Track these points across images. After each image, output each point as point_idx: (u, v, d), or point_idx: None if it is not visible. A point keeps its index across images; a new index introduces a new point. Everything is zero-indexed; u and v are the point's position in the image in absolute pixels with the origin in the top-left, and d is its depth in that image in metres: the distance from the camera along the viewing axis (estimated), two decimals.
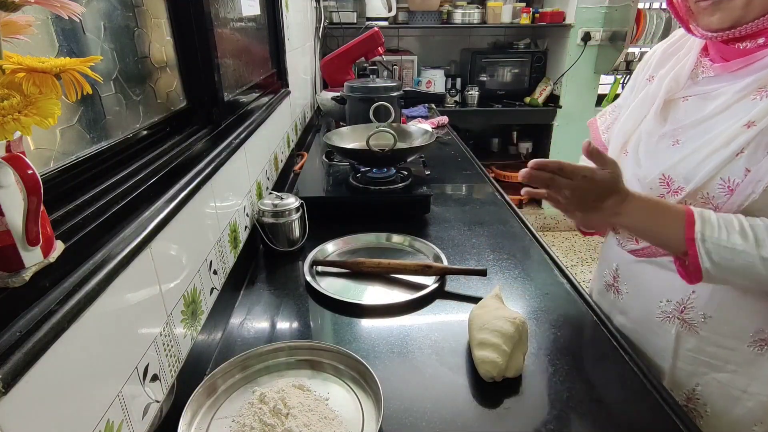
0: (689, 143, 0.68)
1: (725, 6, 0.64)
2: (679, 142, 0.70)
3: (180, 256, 0.71)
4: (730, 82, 0.66)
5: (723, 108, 0.65)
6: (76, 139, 0.60)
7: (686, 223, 0.63)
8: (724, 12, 0.64)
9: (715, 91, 0.68)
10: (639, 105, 0.80)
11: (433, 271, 0.98)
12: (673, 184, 0.70)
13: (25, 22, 0.40)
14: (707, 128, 0.67)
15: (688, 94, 0.71)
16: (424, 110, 2.46)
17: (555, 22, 3.11)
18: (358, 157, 1.34)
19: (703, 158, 0.66)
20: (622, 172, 0.68)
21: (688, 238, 0.63)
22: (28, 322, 0.40)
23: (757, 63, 0.62)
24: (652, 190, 0.72)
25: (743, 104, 0.64)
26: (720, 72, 0.68)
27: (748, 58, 0.63)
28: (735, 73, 0.65)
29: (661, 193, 0.71)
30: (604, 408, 0.68)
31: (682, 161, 0.68)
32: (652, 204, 0.68)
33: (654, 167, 0.72)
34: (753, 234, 0.61)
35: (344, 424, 0.63)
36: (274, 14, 1.60)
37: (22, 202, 0.39)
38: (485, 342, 0.73)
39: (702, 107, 0.69)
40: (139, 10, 0.78)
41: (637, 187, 0.73)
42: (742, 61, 0.64)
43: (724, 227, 0.62)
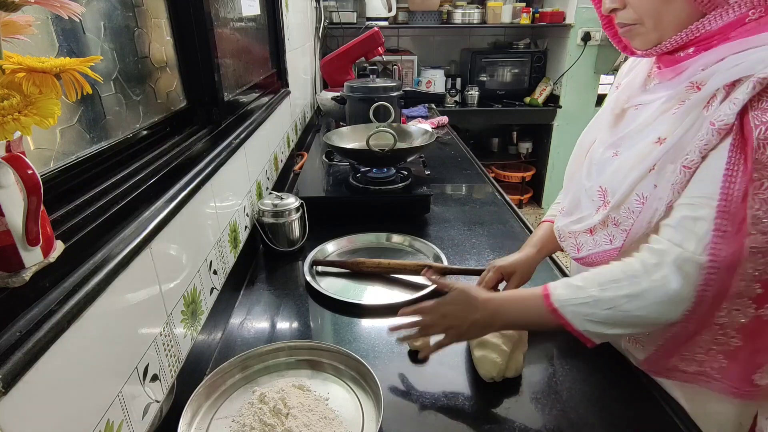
0: (624, 154, 0.68)
1: (638, 30, 0.64)
2: (617, 153, 0.69)
3: (180, 256, 0.71)
4: (663, 92, 0.65)
5: (651, 119, 0.65)
6: (76, 139, 0.60)
7: (543, 297, 0.65)
8: (640, 36, 0.65)
9: (651, 100, 0.67)
10: (601, 114, 0.79)
11: (433, 271, 0.98)
12: (606, 197, 0.69)
13: (25, 22, 0.40)
14: (635, 140, 0.66)
15: (638, 103, 0.71)
16: (424, 110, 2.46)
17: (555, 22, 3.11)
18: (358, 157, 1.34)
19: (626, 172, 0.66)
20: (579, 180, 0.73)
21: (550, 309, 0.64)
22: (28, 322, 0.40)
23: (683, 73, 0.62)
24: (593, 201, 0.72)
25: (663, 118, 0.63)
26: (660, 79, 0.68)
27: (677, 67, 0.63)
28: (670, 82, 0.65)
29: (598, 206, 0.71)
30: (604, 408, 0.68)
31: (615, 173, 0.68)
32: (510, 295, 0.73)
33: (596, 178, 0.72)
34: (595, 281, 0.62)
35: (344, 424, 0.63)
36: (274, 14, 1.60)
37: (22, 202, 0.39)
38: (485, 342, 0.73)
39: (638, 118, 0.68)
40: (139, 10, 0.78)
41: (585, 197, 0.74)
42: (672, 70, 0.64)
43: (571, 287, 0.63)
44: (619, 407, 0.69)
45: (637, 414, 0.68)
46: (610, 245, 0.69)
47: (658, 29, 0.62)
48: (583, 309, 0.62)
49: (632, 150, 0.66)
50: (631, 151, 0.66)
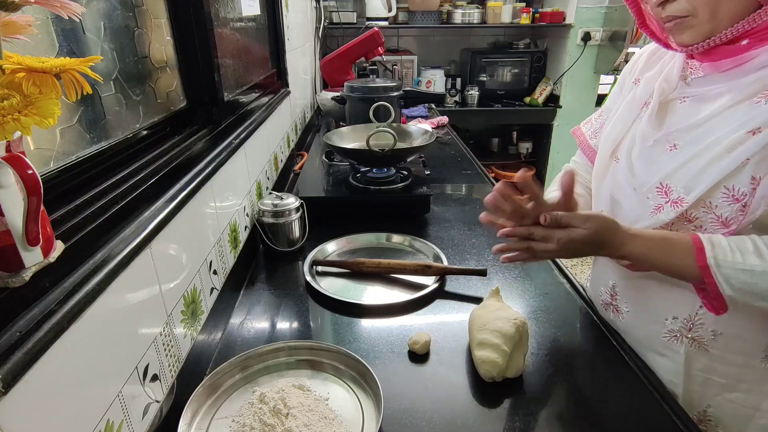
0: (687, 148, 0.65)
1: (690, 23, 0.62)
2: (677, 146, 0.66)
3: (180, 256, 0.71)
4: (723, 83, 0.63)
5: (721, 110, 0.62)
6: (76, 139, 0.60)
7: (696, 250, 0.61)
8: (692, 29, 0.62)
9: (712, 92, 0.65)
10: (627, 109, 0.76)
11: (433, 271, 0.98)
12: (672, 194, 0.66)
13: (25, 22, 0.40)
14: (705, 132, 0.64)
15: (684, 95, 0.68)
16: (424, 110, 2.46)
17: (555, 22, 3.11)
18: (358, 157, 1.34)
19: (704, 165, 0.62)
20: (617, 179, 0.68)
21: (702, 266, 0.60)
22: (28, 322, 0.40)
23: (747, 63, 0.60)
24: (649, 199, 0.68)
25: (745, 107, 0.60)
26: (710, 71, 0.65)
27: (738, 59, 0.61)
28: (726, 74, 0.63)
29: (658, 204, 0.67)
30: (604, 408, 0.68)
31: (682, 168, 0.65)
32: (656, 240, 0.65)
33: (650, 174, 0.68)
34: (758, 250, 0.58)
35: (344, 424, 0.63)
36: (274, 14, 1.60)
37: (22, 202, 0.39)
38: (485, 342, 0.73)
39: (698, 110, 0.66)
40: (139, 10, 0.78)
41: (632, 196, 0.70)
42: (732, 61, 0.62)
43: (737, 250, 0.59)
44: (619, 407, 0.69)
45: (637, 414, 0.68)
46: None
47: (713, 20, 0.60)
48: (744, 276, 0.58)
49: (705, 142, 0.63)
50: (705, 144, 0.63)
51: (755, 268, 0.58)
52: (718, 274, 0.60)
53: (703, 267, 0.60)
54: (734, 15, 0.59)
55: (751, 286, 0.59)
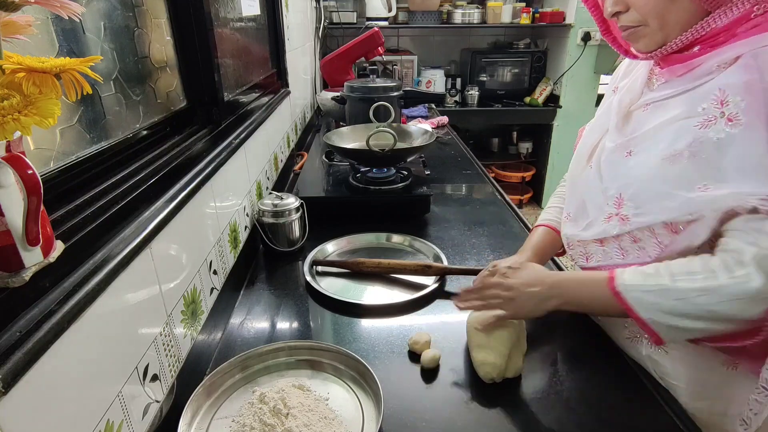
0: (639, 155, 0.67)
1: (643, 32, 0.64)
2: (632, 153, 0.68)
3: (180, 256, 0.71)
4: (678, 87, 0.65)
5: (671, 122, 0.64)
6: (76, 139, 0.60)
7: (609, 279, 0.65)
8: (645, 38, 0.65)
9: (669, 100, 0.66)
10: (603, 116, 0.79)
11: (433, 271, 0.98)
12: (623, 207, 0.68)
13: (25, 22, 0.40)
14: (655, 142, 0.65)
15: (647, 102, 0.70)
16: (424, 110, 2.46)
17: (555, 22, 3.11)
18: (358, 157, 1.34)
19: (647, 175, 0.65)
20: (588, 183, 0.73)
21: (614, 292, 0.63)
22: (28, 322, 0.40)
23: (697, 69, 0.62)
24: (607, 206, 0.70)
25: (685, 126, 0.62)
26: (669, 77, 0.67)
27: (689, 64, 0.63)
28: (681, 78, 0.65)
29: (610, 213, 0.69)
30: (604, 408, 0.68)
31: (630, 175, 0.67)
32: (574, 274, 0.73)
33: (612, 180, 0.71)
34: (668, 270, 0.61)
35: (344, 424, 0.63)
36: (274, 14, 1.60)
37: (22, 202, 0.39)
38: (484, 345, 0.73)
39: (654, 118, 0.67)
40: (139, 10, 0.78)
41: (598, 200, 0.73)
42: (683, 66, 0.64)
43: (641, 273, 0.63)
44: (619, 408, 0.69)
45: (637, 415, 0.68)
46: (622, 259, 0.69)
47: (664, 29, 0.62)
48: (650, 297, 0.61)
49: (652, 152, 0.65)
50: (651, 153, 0.65)
51: (653, 288, 0.61)
52: (628, 299, 0.62)
53: (615, 294, 0.63)
54: (683, 24, 0.61)
55: (659, 305, 0.61)
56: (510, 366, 0.72)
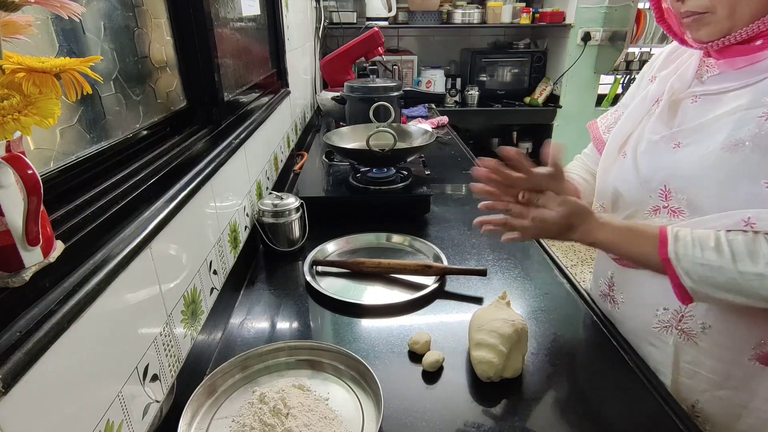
0: (690, 148, 0.65)
1: (708, 20, 0.63)
2: (680, 145, 0.66)
3: (180, 256, 0.71)
4: (737, 81, 0.63)
5: (730, 113, 0.62)
6: (76, 139, 0.60)
7: (659, 243, 0.64)
8: (709, 26, 0.63)
9: (725, 93, 0.64)
10: (639, 105, 0.77)
11: (433, 271, 0.98)
12: (671, 200, 0.67)
13: (25, 22, 0.40)
14: (709, 135, 0.63)
15: (697, 94, 0.68)
16: (424, 110, 2.46)
17: (555, 22, 3.11)
18: (358, 157, 1.34)
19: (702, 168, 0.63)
20: (622, 173, 0.69)
21: (663, 258, 0.63)
22: (28, 322, 0.40)
23: (760, 63, 0.61)
24: (651, 198, 0.70)
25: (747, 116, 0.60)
26: (725, 69, 0.65)
27: (752, 57, 0.62)
28: (740, 71, 0.63)
29: (656, 206, 0.69)
30: (604, 408, 0.68)
31: (680, 166, 0.66)
32: (624, 229, 0.69)
33: (653, 171, 0.69)
34: (729, 249, 0.60)
35: (344, 424, 0.63)
36: (274, 14, 1.60)
37: (22, 202, 0.39)
38: (482, 342, 0.73)
39: (707, 110, 0.66)
40: (139, 10, 0.78)
41: (637, 190, 0.71)
42: (746, 59, 0.62)
43: (698, 245, 0.62)
44: (619, 408, 0.69)
45: (637, 415, 0.68)
46: None
47: (732, 18, 0.61)
48: (702, 270, 0.61)
49: (705, 144, 0.63)
50: (704, 146, 0.63)
51: (712, 263, 0.60)
52: (678, 267, 0.62)
53: (665, 260, 0.63)
54: (753, 14, 0.60)
55: (709, 279, 0.61)
56: (509, 366, 0.72)
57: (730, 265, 0.59)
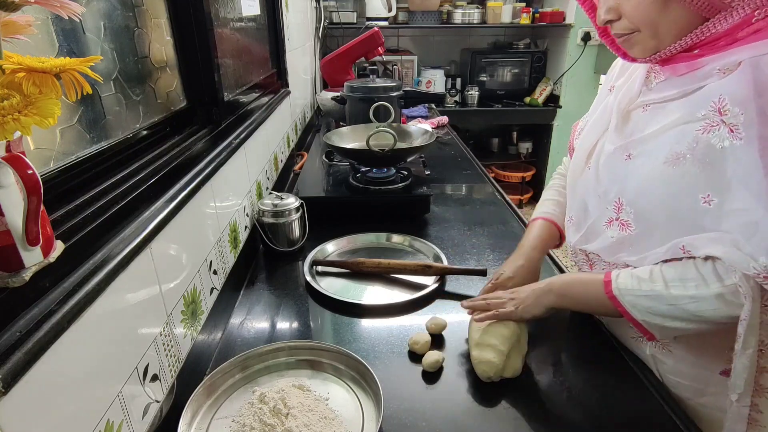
0: (638, 159, 0.66)
1: (636, 39, 0.64)
2: (631, 156, 0.67)
3: (180, 256, 0.71)
4: (680, 87, 0.64)
5: (671, 126, 0.63)
6: (76, 139, 0.60)
7: (604, 284, 0.67)
8: (638, 45, 0.64)
9: (668, 101, 0.65)
10: (599, 117, 0.78)
11: (433, 271, 0.98)
12: (622, 212, 0.68)
13: (25, 22, 0.40)
14: (654, 147, 0.64)
15: (646, 103, 0.69)
16: (424, 110, 2.46)
17: (555, 22, 3.11)
18: (358, 157, 1.34)
19: (646, 180, 0.64)
20: (587, 185, 0.75)
21: (609, 297, 0.66)
22: (28, 322, 0.40)
23: (699, 70, 0.61)
24: (607, 209, 0.70)
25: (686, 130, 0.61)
26: (670, 75, 0.66)
27: (692, 64, 0.62)
28: (682, 78, 0.64)
29: (610, 218, 0.70)
30: (604, 408, 0.68)
31: (630, 179, 0.66)
32: (573, 278, 0.75)
33: (611, 183, 0.70)
34: (662, 277, 0.63)
35: (344, 424, 0.63)
36: (274, 14, 1.60)
37: (22, 202, 0.39)
38: (482, 342, 0.73)
39: (654, 121, 0.66)
40: (139, 10, 0.78)
41: (597, 203, 0.72)
42: (686, 65, 0.63)
43: (635, 278, 0.65)
44: (619, 408, 0.69)
45: (637, 415, 0.68)
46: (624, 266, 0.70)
47: (656, 37, 0.62)
48: (644, 301, 0.64)
49: (650, 156, 0.64)
50: (649, 158, 0.64)
51: (649, 293, 0.63)
52: (624, 302, 0.65)
53: (611, 297, 0.66)
54: (677, 31, 0.60)
55: (652, 309, 0.63)
56: (508, 366, 0.72)
57: (664, 292, 0.62)
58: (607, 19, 0.65)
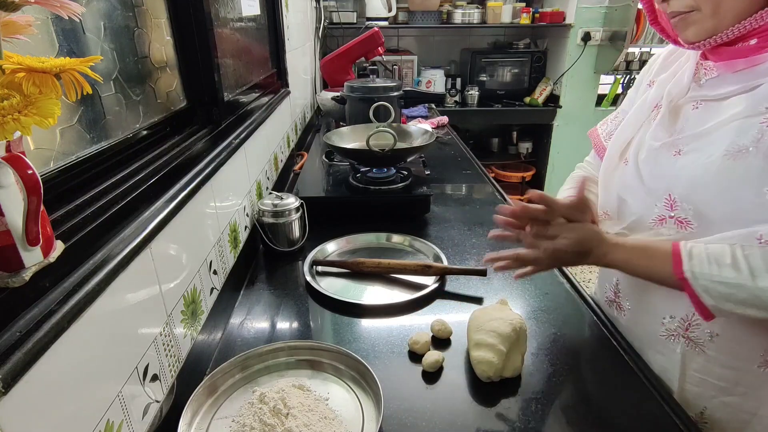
0: (690, 155, 0.64)
1: (693, 19, 0.62)
2: (681, 152, 0.65)
3: (180, 256, 0.71)
4: (736, 84, 0.62)
5: (729, 121, 0.61)
6: (76, 139, 0.60)
7: (673, 261, 0.63)
8: (695, 25, 0.62)
9: (725, 100, 0.63)
10: (638, 111, 0.76)
11: (433, 271, 0.98)
12: (677, 209, 0.65)
13: (25, 22, 0.40)
14: (709, 143, 0.62)
15: (697, 99, 0.67)
16: (424, 110, 2.46)
17: (555, 22, 3.11)
18: (358, 157, 1.34)
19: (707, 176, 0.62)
20: (625, 180, 0.69)
21: (679, 277, 0.62)
22: (28, 322, 0.40)
23: (759, 66, 0.59)
24: (656, 207, 0.68)
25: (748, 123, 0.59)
26: (723, 71, 0.64)
27: (750, 59, 0.60)
28: (739, 74, 0.62)
29: (662, 215, 0.68)
30: (603, 408, 0.68)
31: (681, 174, 0.65)
32: (637, 248, 0.69)
33: (655, 179, 0.68)
34: (746, 264, 0.58)
35: (344, 424, 0.63)
36: (274, 14, 1.60)
37: (22, 202, 0.39)
38: (481, 342, 0.73)
39: (708, 117, 0.65)
40: (139, 10, 0.78)
41: (641, 197, 0.70)
42: (745, 62, 0.61)
43: (714, 262, 0.60)
44: (618, 408, 0.69)
45: (636, 414, 0.68)
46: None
47: (716, 16, 0.60)
48: (721, 288, 0.60)
49: (705, 153, 0.62)
50: (704, 154, 0.62)
51: (730, 281, 0.59)
52: (697, 286, 0.61)
53: (681, 279, 0.62)
54: (738, 12, 0.58)
55: (730, 296, 0.60)
56: (508, 365, 0.72)
57: (749, 282, 0.58)
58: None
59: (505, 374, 0.71)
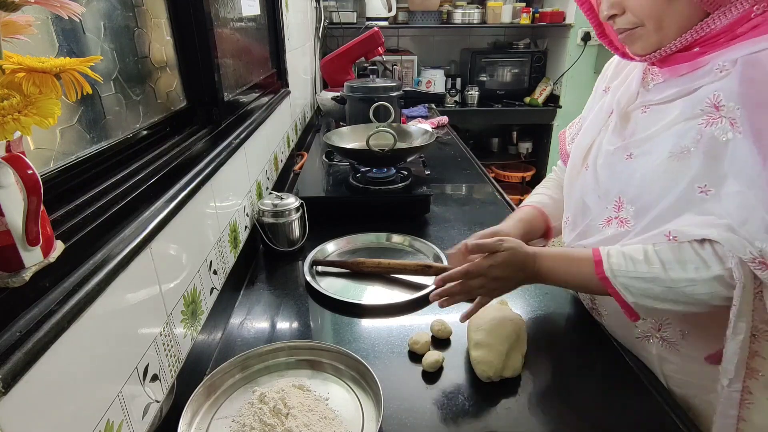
0: (640, 159, 0.67)
1: (638, 35, 0.64)
2: (632, 156, 0.68)
3: (180, 256, 0.71)
4: (678, 87, 0.64)
5: (671, 125, 0.63)
6: (76, 139, 0.60)
7: (594, 263, 0.66)
8: (641, 40, 0.64)
9: (669, 101, 0.65)
10: (595, 117, 0.78)
11: (433, 271, 0.98)
12: (622, 210, 0.68)
13: (25, 22, 0.40)
14: (655, 145, 0.65)
15: (646, 104, 0.69)
16: (424, 110, 2.46)
17: (555, 22, 3.11)
18: (358, 157, 1.34)
19: (650, 180, 0.65)
20: (586, 185, 0.72)
21: (601, 277, 0.65)
22: (28, 322, 0.40)
23: (700, 70, 0.61)
24: (607, 209, 0.70)
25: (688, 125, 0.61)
26: (668, 76, 0.66)
27: (692, 64, 0.62)
28: (682, 78, 0.64)
29: (609, 217, 0.70)
30: (603, 408, 0.68)
31: (631, 179, 0.67)
32: (560, 256, 0.72)
33: (611, 183, 0.70)
34: (657, 258, 0.62)
35: (344, 424, 0.63)
36: (274, 14, 1.60)
37: (22, 202, 0.39)
38: (481, 342, 0.73)
39: (655, 121, 0.67)
40: (139, 10, 0.78)
41: (597, 202, 0.73)
42: (687, 66, 0.63)
43: (629, 259, 0.64)
44: (618, 407, 0.69)
45: (636, 414, 0.68)
46: None
47: (660, 31, 0.62)
48: (638, 283, 0.63)
49: (652, 156, 0.65)
50: (652, 157, 0.65)
51: (645, 275, 0.62)
52: (617, 284, 0.64)
53: (603, 278, 0.65)
54: (680, 26, 0.61)
55: (646, 291, 0.63)
56: (508, 365, 0.72)
57: (662, 275, 0.61)
58: (611, 13, 0.64)
59: (505, 374, 0.71)
